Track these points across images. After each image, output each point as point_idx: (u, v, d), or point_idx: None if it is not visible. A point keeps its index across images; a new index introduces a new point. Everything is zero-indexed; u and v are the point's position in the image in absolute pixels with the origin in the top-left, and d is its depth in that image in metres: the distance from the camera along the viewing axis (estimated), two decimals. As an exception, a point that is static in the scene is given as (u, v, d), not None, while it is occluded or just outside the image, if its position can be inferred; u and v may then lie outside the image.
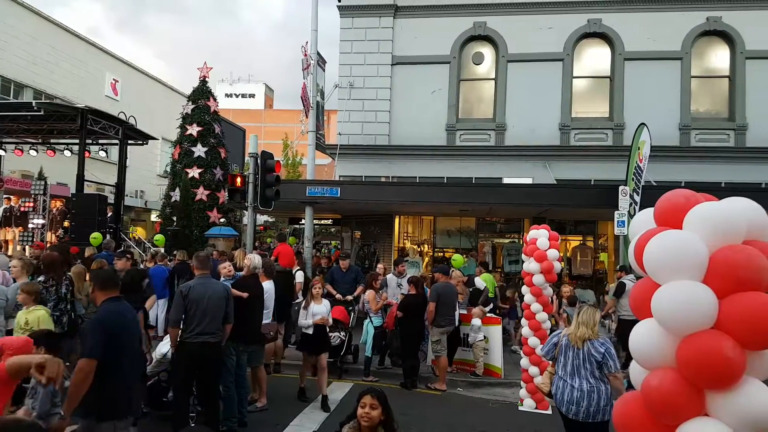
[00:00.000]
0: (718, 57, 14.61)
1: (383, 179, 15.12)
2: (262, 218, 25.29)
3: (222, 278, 7.06)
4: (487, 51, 15.50)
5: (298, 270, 10.39)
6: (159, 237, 13.90)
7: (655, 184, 11.99)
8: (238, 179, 10.02)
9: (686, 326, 2.59)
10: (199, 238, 15.07)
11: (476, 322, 9.75)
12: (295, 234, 22.51)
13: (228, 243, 14.54)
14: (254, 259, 7.09)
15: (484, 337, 9.77)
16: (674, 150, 14.06)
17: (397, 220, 15.60)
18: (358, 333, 9.77)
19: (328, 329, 7.83)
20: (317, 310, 7.58)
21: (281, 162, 29.41)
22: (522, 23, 14.98)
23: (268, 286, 7.53)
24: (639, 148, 11.29)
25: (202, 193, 15.89)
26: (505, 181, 14.33)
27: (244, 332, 6.46)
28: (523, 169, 14.57)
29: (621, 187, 10.31)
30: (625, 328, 9.29)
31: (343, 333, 8.98)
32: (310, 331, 7.51)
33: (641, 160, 11.14)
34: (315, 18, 12.97)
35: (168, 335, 6.19)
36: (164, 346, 6.43)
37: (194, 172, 15.99)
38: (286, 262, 9.71)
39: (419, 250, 16.32)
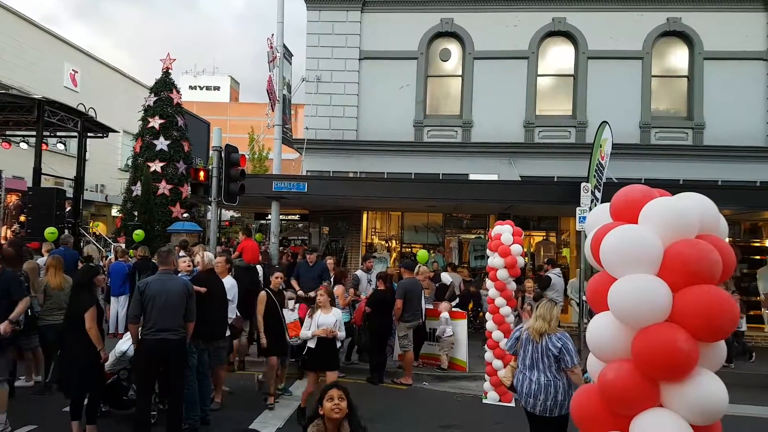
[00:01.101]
0: (678, 57, 15.00)
1: (351, 174, 15.07)
2: (227, 213, 24.92)
3: (180, 273, 6.91)
4: (454, 48, 15.57)
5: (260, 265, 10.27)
6: (139, 232, 13.53)
7: (616, 181, 12.26)
8: (202, 173, 9.82)
9: (641, 319, 2.65)
10: (162, 233, 14.76)
11: (445, 316, 9.82)
12: (261, 230, 22.26)
13: (191, 238, 14.26)
14: (208, 254, 6.98)
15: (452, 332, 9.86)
16: (635, 148, 14.39)
17: (364, 216, 15.57)
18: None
19: (339, 344, 6.84)
20: (324, 321, 6.62)
21: (247, 156, 29.05)
22: (488, 20, 15.09)
23: (230, 282, 7.43)
24: (601, 146, 11.51)
25: (164, 188, 15.57)
26: (472, 177, 14.46)
27: (203, 329, 6.34)
28: (489, 166, 14.71)
29: (583, 184, 10.49)
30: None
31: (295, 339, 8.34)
32: (312, 344, 6.59)
33: (603, 158, 11.36)
34: (281, 10, 12.78)
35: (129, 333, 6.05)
36: (124, 344, 6.28)
37: (156, 166, 15.66)
38: (250, 258, 9.57)
39: (387, 245, 16.34)
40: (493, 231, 8.34)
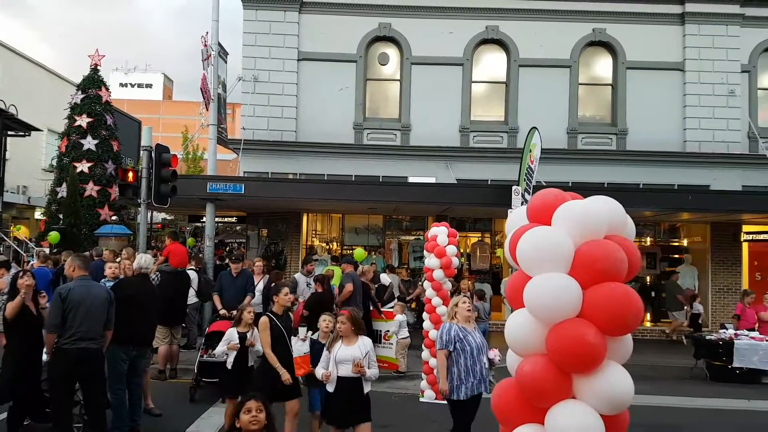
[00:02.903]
0: (603, 66, 15.80)
1: (290, 176, 14.95)
2: (159, 216, 24.10)
3: (105, 280, 6.68)
4: (392, 52, 15.75)
5: (191, 270, 10.00)
6: (53, 234, 12.85)
7: (545, 184, 12.76)
8: (130, 174, 9.48)
9: (554, 315, 2.80)
10: (89, 237, 14.11)
11: (401, 317, 9.85)
12: (196, 233, 21.67)
13: (121, 242, 13.71)
14: (141, 258, 6.75)
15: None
16: (562, 152, 15.04)
17: (305, 218, 15.49)
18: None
19: (367, 387, 5.02)
20: (344, 355, 4.91)
21: (181, 156, 28.23)
22: (425, 27, 15.35)
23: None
24: (531, 151, 12.00)
25: (92, 189, 14.90)
26: (411, 180, 14.69)
27: (136, 336, 6.15)
28: (427, 169, 14.98)
29: (514, 187, 10.90)
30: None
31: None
32: (331, 388, 4.96)
33: (532, 162, 11.85)
34: (216, 8, 12.51)
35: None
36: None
37: (83, 166, 14.96)
38: (177, 262, 9.30)
39: (328, 248, 16.31)
40: (430, 232, 8.53)
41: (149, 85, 69.44)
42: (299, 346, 5.74)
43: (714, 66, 15.27)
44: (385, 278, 12.10)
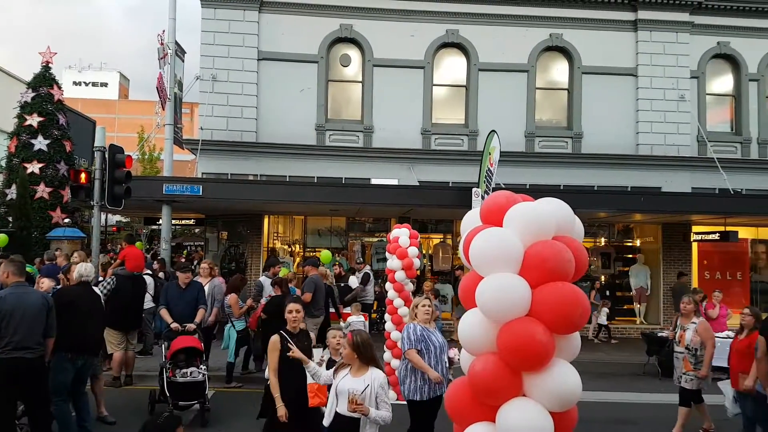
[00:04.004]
0: (559, 71, 16.13)
1: (251, 177, 14.74)
2: (114, 218, 23.43)
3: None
4: (354, 54, 15.73)
5: (147, 274, 9.77)
6: (2, 237, 12.33)
7: (503, 186, 12.96)
8: (83, 175, 9.20)
9: (504, 314, 2.86)
10: (40, 240, 13.63)
11: (354, 318, 9.85)
12: (152, 235, 21.16)
13: (73, 245, 13.29)
14: (81, 267, 6.56)
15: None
16: (521, 155, 15.27)
17: (266, 220, 15.31)
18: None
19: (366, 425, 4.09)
20: (344, 387, 4.15)
21: (137, 157, 27.54)
22: (386, 29, 15.37)
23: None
24: (490, 153, 12.20)
25: (43, 191, 14.39)
26: (373, 181, 14.69)
27: (81, 343, 5.97)
28: (389, 171, 15.02)
29: (474, 189, 11.06)
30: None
31: (204, 366, 7.17)
32: (326, 422, 4.29)
33: (492, 165, 12.04)
34: (173, 6, 12.29)
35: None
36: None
37: (34, 167, 14.43)
38: (133, 266, 9.07)
39: (290, 250, 16.18)
40: (391, 234, 8.58)
41: (104, 84, 67.61)
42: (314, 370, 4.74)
43: (665, 72, 15.79)
44: (354, 281, 12.12)
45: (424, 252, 15.12)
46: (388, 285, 8.69)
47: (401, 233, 8.49)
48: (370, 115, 15.46)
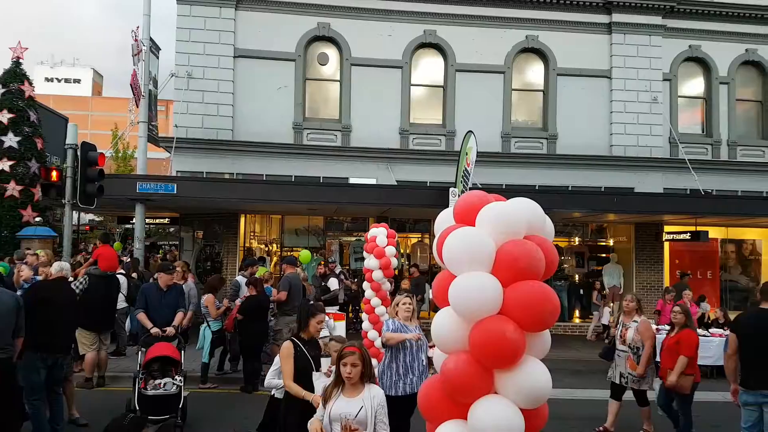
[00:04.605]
0: (535, 72, 16.33)
1: (227, 176, 14.61)
2: (86, 217, 23.00)
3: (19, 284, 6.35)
4: (332, 52, 15.69)
5: (120, 274, 9.63)
6: None
7: (480, 186, 13.07)
8: (54, 173, 9.02)
9: (476, 313, 2.89)
10: (10, 239, 13.31)
11: (328, 320, 9.86)
12: (126, 234, 20.81)
13: (45, 244, 12.99)
14: (56, 263, 6.46)
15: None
16: (497, 156, 15.42)
17: (242, 219, 15.20)
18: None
19: None
20: (338, 411, 3.69)
21: (110, 155, 27.05)
22: (364, 28, 15.38)
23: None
24: (467, 154, 12.29)
25: (13, 189, 14.02)
26: (352, 181, 14.69)
27: (53, 343, 5.86)
28: (367, 170, 15.03)
29: (451, 189, 11.13)
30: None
31: (179, 378, 6.61)
32: None
33: (469, 165, 12.13)
34: (148, 2, 12.10)
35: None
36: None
37: (4, 165, 14.06)
38: (106, 266, 8.94)
39: (267, 249, 16.08)
40: (369, 233, 8.58)
41: (77, 81, 66.30)
42: (322, 383, 4.33)
43: (638, 74, 16.09)
44: (334, 282, 12.11)
45: (402, 251, 15.17)
46: (365, 284, 8.69)
47: (379, 233, 8.47)
48: (348, 114, 15.45)
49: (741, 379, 5.53)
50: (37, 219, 14.32)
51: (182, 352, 7.02)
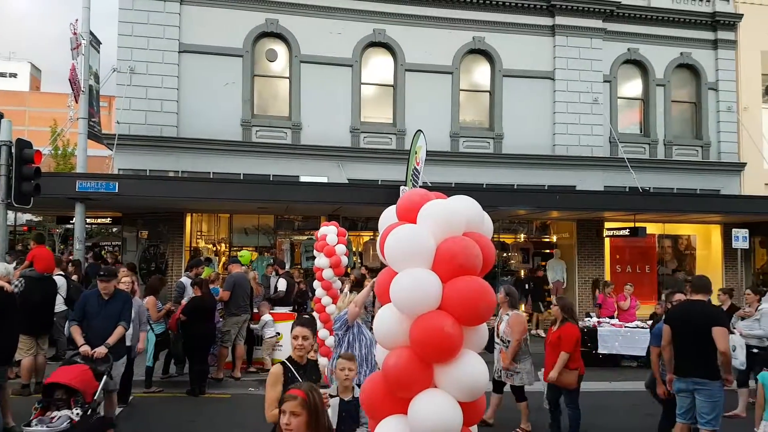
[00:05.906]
0: (481, 73, 16.66)
1: (171, 174, 14.23)
2: (23, 217, 21.93)
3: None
4: (280, 49, 15.51)
5: (58, 275, 9.26)
6: None
7: (430, 185, 13.24)
8: (-15, 172, 8.55)
9: (416, 308, 2.95)
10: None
11: (267, 318, 9.86)
12: (67, 235, 19.94)
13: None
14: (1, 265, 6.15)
15: (277, 333, 9.91)
16: (446, 155, 15.66)
17: (188, 218, 14.83)
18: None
19: None
20: None
21: (49, 152, 25.85)
22: (313, 25, 15.28)
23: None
24: (416, 153, 12.43)
25: (-59, 188, 13.24)
26: (302, 179, 14.58)
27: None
28: (318, 168, 14.96)
29: (401, 188, 11.24)
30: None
31: (77, 410, 5.31)
32: None
33: (418, 163, 12.28)
34: (88, -6, 11.66)
35: None
36: None
37: (-71, 162, 13.25)
38: (43, 267, 8.58)
39: (214, 249, 15.76)
40: (319, 232, 8.58)
41: (14, 75, 63.02)
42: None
43: (580, 76, 16.66)
44: (282, 284, 12.01)
45: (354, 249, 15.19)
46: (316, 283, 8.68)
47: (329, 231, 8.50)
48: (298, 111, 15.33)
49: (674, 367, 5.79)
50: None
51: (104, 376, 5.87)
